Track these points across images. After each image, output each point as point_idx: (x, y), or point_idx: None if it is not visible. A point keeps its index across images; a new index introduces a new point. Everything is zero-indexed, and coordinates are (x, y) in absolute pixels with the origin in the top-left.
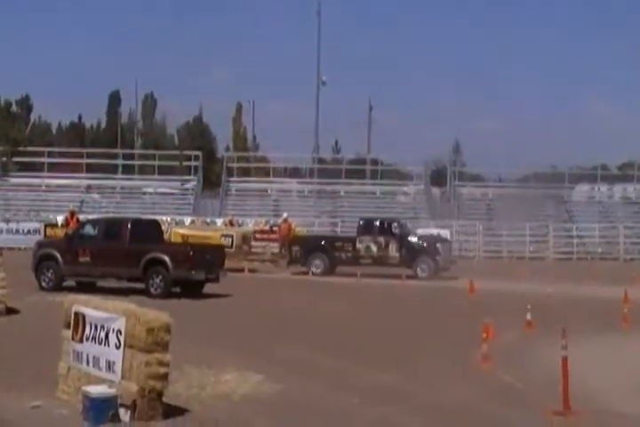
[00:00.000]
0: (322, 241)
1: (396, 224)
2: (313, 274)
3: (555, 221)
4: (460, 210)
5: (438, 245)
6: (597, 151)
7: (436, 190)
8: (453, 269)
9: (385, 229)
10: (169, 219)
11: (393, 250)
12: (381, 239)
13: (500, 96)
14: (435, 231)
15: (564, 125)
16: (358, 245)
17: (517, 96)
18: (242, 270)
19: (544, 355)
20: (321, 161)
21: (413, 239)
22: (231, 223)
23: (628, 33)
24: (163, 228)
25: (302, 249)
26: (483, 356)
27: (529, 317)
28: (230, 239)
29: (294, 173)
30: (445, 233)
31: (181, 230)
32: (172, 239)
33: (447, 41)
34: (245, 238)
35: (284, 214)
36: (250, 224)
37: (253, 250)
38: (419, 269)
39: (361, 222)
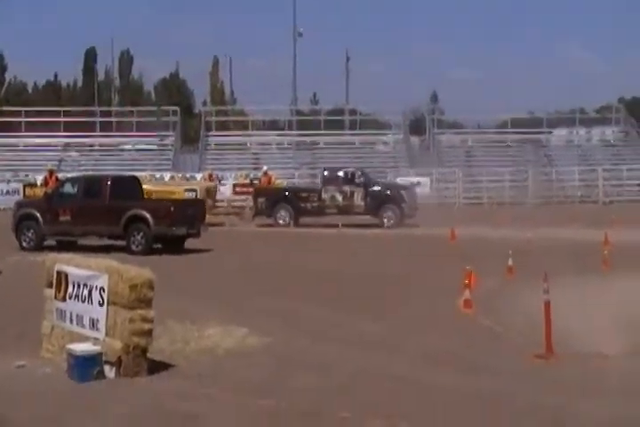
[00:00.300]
0: (286, 192)
1: (359, 173)
2: (279, 225)
3: (534, 165)
4: (440, 158)
5: (402, 192)
6: (575, 95)
7: (415, 139)
8: (418, 217)
9: (349, 178)
10: (148, 175)
11: (358, 199)
12: (346, 189)
13: (478, 43)
14: (415, 180)
15: (542, 71)
16: (323, 196)
17: (494, 43)
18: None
19: (525, 300)
20: (299, 113)
21: (377, 188)
22: (210, 177)
23: None
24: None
25: (267, 201)
26: (464, 302)
27: (510, 262)
28: (194, 194)
29: (273, 125)
30: (425, 181)
31: (145, 186)
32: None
33: None
34: (209, 192)
35: (264, 167)
36: (230, 178)
37: (235, 204)
38: (384, 218)
39: (325, 173)
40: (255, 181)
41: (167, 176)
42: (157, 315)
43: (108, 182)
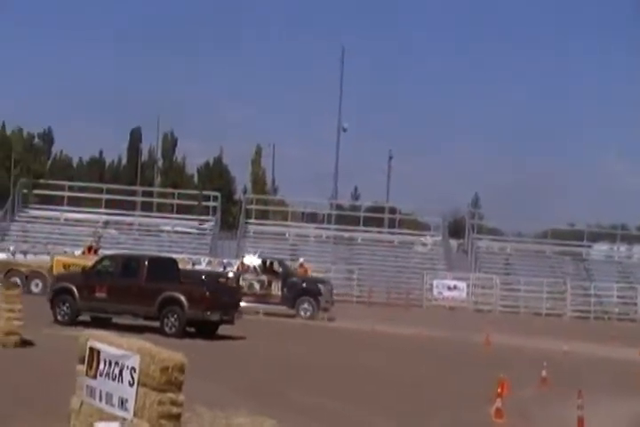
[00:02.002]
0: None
1: (277, 263)
2: None
3: (572, 278)
4: (478, 263)
5: (320, 285)
6: (617, 210)
7: (453, 242)
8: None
9: (268, 267)
10: (186, 258)
11: (275, 289)
12: (264, 278)
13: (522, 151)
14: (451, 283)
15: (584, 183)
16: (241, 283)
17: (539, 152)
18: None
19: (558, 413)
20: (339, 207)
21: (295, 279)
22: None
23: None
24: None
25: None
26: (496, 411)
27: (544, 373)
28: None
29: (312, 217)
30: (462, 286)
31: (63, 258)
32: (55, 267)
33: (470, 93)
34: None
35: (301, 259)
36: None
37: None
38: (301, 309)
39: (244, 260)
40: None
41: (204, 261)
42: (187, 400)
43: (146, 263)
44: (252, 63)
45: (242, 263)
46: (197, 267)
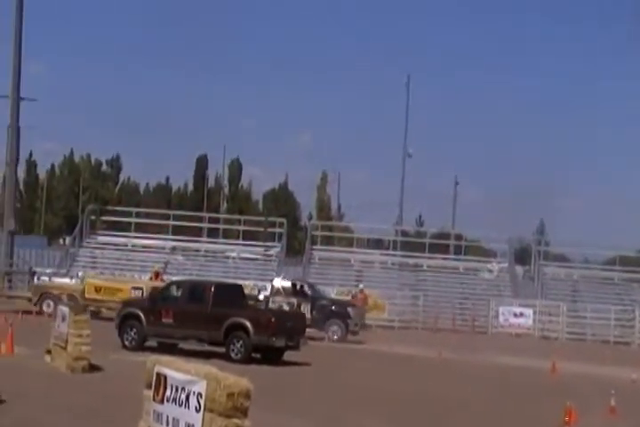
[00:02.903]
0: None
1: (307, 286)
2: None
3: None
4: (544, 290)
5: (349, 308)
6: None
7: (519, 269)
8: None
9: (297, 290)
10: (252, 284)
11: (305, 311)
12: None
13: (588, 175)
14: (518, 310)
15: None
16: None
17: (605, 176)
18: None
19: None
20: (404, 233)
21: (324, 302)
22: (157, 276)
23: None
24: (246, 292)
25: None
26: None
27: (613, 402)
28: (140, 292)
29: (377, 244)
30: (528, 312)
31: (94, 281)
32: (87, 290)
33: (534, 119)
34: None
35: (361, 285)
36: (332, 293)
37: None
38: (330, 331)
39: (274, 283)
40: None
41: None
42: (252, 425)
43: (212, 289)
44: (318, 90)
45: (272, 286)
46: (263, 293)
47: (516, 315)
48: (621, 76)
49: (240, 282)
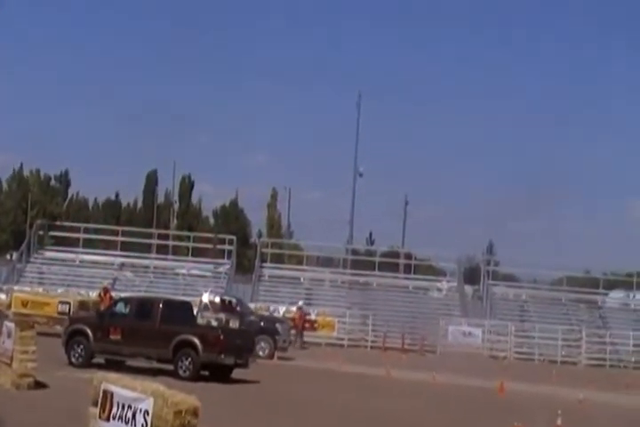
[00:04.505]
0: None
1: (235, 302)
2: None
3: (588, 326)
4: (493, 309)
5: (277, 325)
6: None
7: (468, 288)
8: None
9: (226, 306)
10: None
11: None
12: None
13: (537, 197)
14: (466, 330)
15: (600, 230)
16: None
17: (553, 198)
18: None
19: None
20: (354, 252)
21: (252, 318)
22: (106, 293)
23: None
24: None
25: None
26: None
27: (559, 422)
28: (67, 306)
29: (327, 262)
30: (477, 332)
31: (21, 295)
32: (13, 304)
33: (484, 137)
34: (83, 306)
35: (300, 302)
36: (281, 311)
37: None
38: (258, 349)
39: (203, 298)
40: (307, 316)
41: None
42: None
43: (160, 305)
44: (267, 108)
45: (200, 301)
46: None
47: (465, 334)
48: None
49: (189, 299)
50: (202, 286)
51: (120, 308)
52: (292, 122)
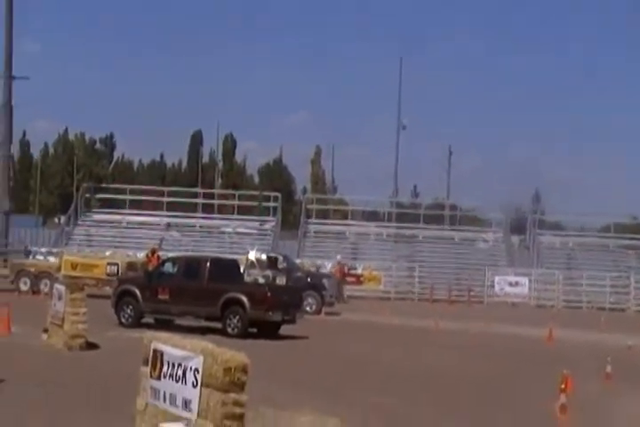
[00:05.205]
0: None
1: (282, 259)
2: None
3: (636, 272)
4: (540, 258)
5: (324, 280)
6: None
7: (515, 238)
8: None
9: (272, 263)
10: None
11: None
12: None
13: (582, 144)
14: (513, 280)
15: None
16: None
17: (600, 145)
18: None
19: (623, 408)
20: (399, 205)
21: (299, 274)
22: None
23: None
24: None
25: None
26: (560, 407)
27: (609, 369)
28: (116, 268)
29: (372, 216)
30: (524, 281)
31: (71, 257)
32: (63, 267)
33: (530, 85)
34: (131, 267)
35: (338, 257)
36: (328, 266)
37: None
38: (305, 304)
39: (249, 256)
40: (352, 271)
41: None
42: (250, 400)
43: (207, 264)
44: (311, 65)
45: (247, 259)
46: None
47: (511, 284)
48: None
49: (236, 257)
50: (248, 244)
51: (168, 267)
52: (335, 78)
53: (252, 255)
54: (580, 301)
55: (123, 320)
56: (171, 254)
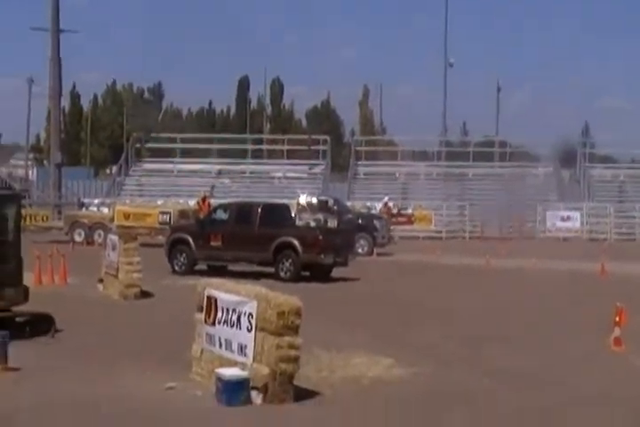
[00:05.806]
0: None
1: (332, 202)
2: None
3: None
4: (591, 192)
5: (375, 221)
6: None
7: (565, 172)
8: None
9: (323, 206)
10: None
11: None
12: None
13: (630, 74)
14: (564, 214)
15: None
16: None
17: None
18: None
19: None
20: (449, 144)
21: (350, 216)
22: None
23: None
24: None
25: None
26: (614, 340)
27: None
28: (168, 216)
29: (422, 156)
30: (575, 215)
31: (123, 208)
32: (116, 218)
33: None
34: (183, 215)
35: (385, 198)
36: (378, 207)
37: None
38: (357, 246)
39: (299, 200)
40: (403, 211)
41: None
42: (304, 343)
43: (259, 209)
44: (357, 4)
45: (297, 203)
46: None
47: (563, 219)
48: None
49: (287, 201)
50: (298, 188)
51: (219, 214)
52: (380, 18)
53: (303, 199)
54: (633, 233)
55: (176, 268)
56: (222, 201)
